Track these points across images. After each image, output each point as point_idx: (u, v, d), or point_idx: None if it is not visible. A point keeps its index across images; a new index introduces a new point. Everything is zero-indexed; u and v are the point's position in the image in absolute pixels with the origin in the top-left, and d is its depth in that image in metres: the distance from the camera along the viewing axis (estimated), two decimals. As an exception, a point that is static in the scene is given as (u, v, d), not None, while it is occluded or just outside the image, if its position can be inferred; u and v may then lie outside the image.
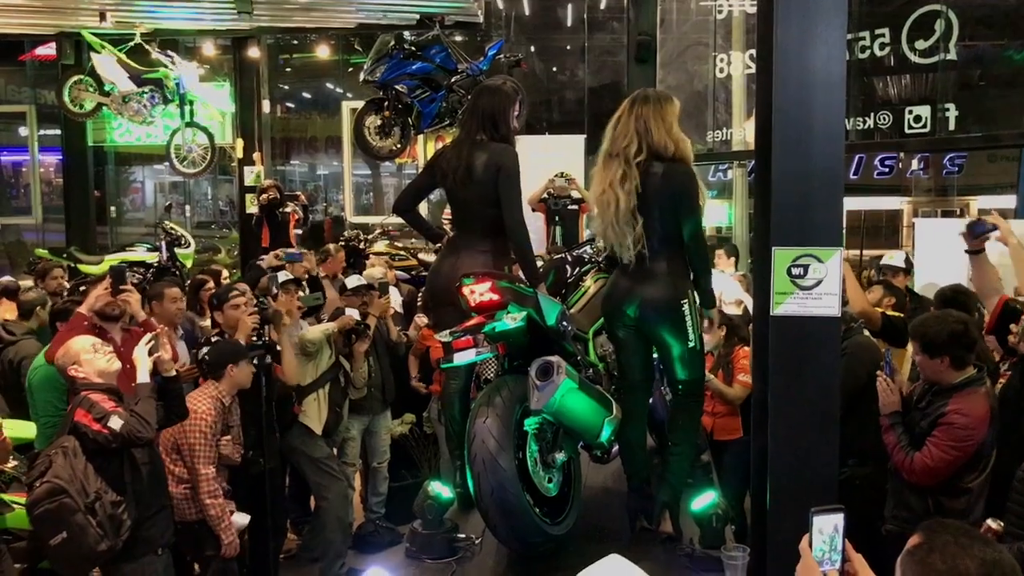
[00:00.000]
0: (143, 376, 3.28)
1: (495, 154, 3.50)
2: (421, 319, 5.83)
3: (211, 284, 5.72)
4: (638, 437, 3.50)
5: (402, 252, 8.22)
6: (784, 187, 2.59)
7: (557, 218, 8.02)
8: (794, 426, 2.63)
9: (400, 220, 4.15)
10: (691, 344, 3.34)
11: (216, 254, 12.38)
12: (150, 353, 3.32)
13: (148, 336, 3.37)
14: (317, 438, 4.81)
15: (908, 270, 5.86)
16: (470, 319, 3.15)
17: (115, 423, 3.13)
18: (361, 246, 7.92)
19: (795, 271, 2.60)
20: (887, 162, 14.43)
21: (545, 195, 8.07)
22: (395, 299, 6.39)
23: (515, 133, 3.66)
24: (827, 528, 1.67)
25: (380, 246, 8.27)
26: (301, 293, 5.07)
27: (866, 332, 4.01)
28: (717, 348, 4.76)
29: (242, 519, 3.95)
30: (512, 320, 3.05)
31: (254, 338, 4.45)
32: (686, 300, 3.28)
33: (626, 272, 3.28)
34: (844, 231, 2.70)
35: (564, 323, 3.28)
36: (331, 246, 6.90)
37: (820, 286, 2.60)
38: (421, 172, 3.79)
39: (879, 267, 6.00)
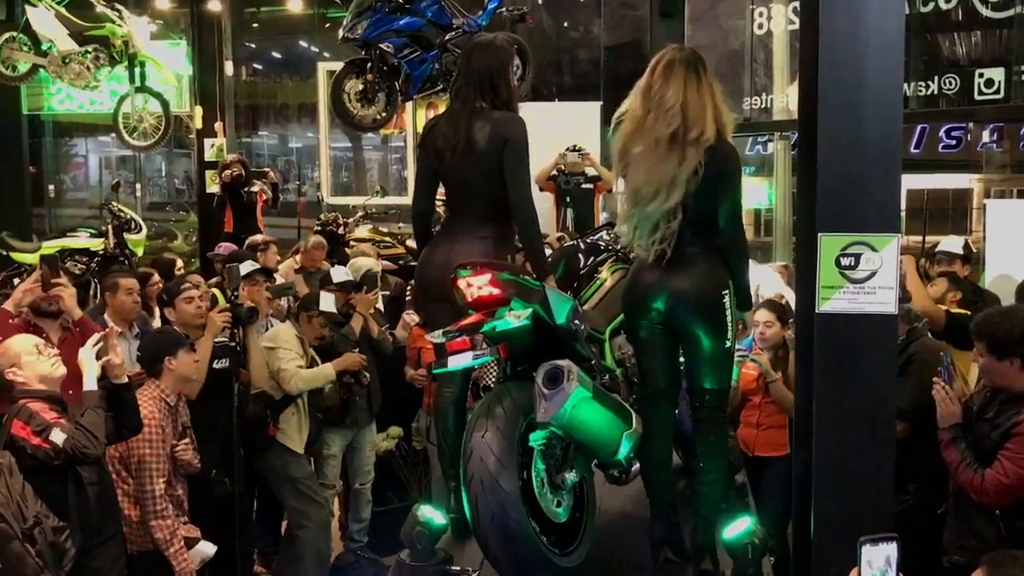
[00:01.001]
0: (90, 383, 3.30)
1: (500, 124, 3.50)
2: (411, 317, 5.85)
3: (157, 278, 5.71)
4: (662, 455, 3.50)
5: (388, 239, 8.23)
6: (832, 163, 2.61)
7: (569, 199, 8.06)
8: (843, 442, 2.65)
9: (383, 201, 4.13)
10: (727, 344, 3.33)
11: (171, 241, 12.44)
12: (98, 356, 3.33)
13: (96, 336, 3.39)
14: (297, 456, 4.86)
15: (967, 258, 5.77)
16: (466, 317, 3.15)
17: (57, 437, 3.15)
18: (340, 231, 7.95)
19: (844, 261, 2.62)
20: (954, 133, 14.41)
21: (555, 172, 8.09)
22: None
23: (517, 97, 3.66)
24: (878, 560, 1.68)
25: (362, 231, 8.29)
26: (269, 284, 5.11)
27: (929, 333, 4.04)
28: (776, 348, 4.76)
29: (207, 549, 3.97)
30: (515, 318, 3.06)
31: (223, 340, 4.48)
32: (727, 292, 3.27)
33: (652, 261, 3.27)
34: (903, 214, 2.71)
35: (576, 322, 3.28)
36: (312, 238, 6.93)
37: (874, 279, 2.62)
38: (419, 156, 3.77)
39: (932, 254, 5.96)
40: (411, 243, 8.04)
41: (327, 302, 5.04)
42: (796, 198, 2.99)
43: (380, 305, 6.43)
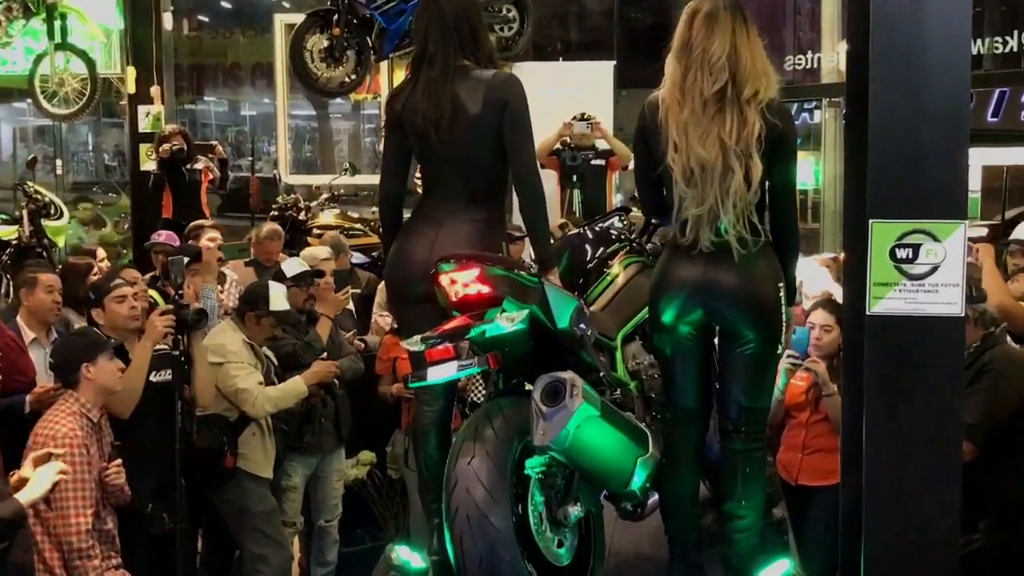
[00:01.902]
0: (29, 495, 3.23)
1: (496, 85, 3.50)
2: (384, 319, 5.86)
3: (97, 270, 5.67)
4: (687, 488, 3.52)
5: (357, 226, 8.25)
6: (885, 135, 2.62)
7: (575, 178, 8.07)
8: (898, 470, 2.67)
9: (354, 181, 4.15)
10: (779, 350, 3.37)
11: (100, 228, 12.43)
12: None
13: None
14: (263, 484, 4.87)
15: None
16: (449, 320, 3.16)
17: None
18: (301, 217, 7.96)
19: (901, 253, 2.63)
20: (1039, 98, 14.42)
21: (559, 146, 8.11)
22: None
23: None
24: None
25: (327, 217, 8.31)
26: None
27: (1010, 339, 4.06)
28: (831, 356, 4.77)
29: None
30: (508, 321, 3.07)
31: (166, 347, 4.49)
32: (781, 284, 3.30)
33: (690, 252, 3.29)
34: (976, 196, 2.73)
35: (581, 325, 3.29)
36: (266, 226, 6.93)
37: (936, 274, 2.63)
38: (386, 134, 3.78)
39: (1006, 243, 5.97)
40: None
41: (278, 298, 5.03)
42: (844, 178, 3.00)
43: (351, 306, 6.46)
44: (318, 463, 5.36)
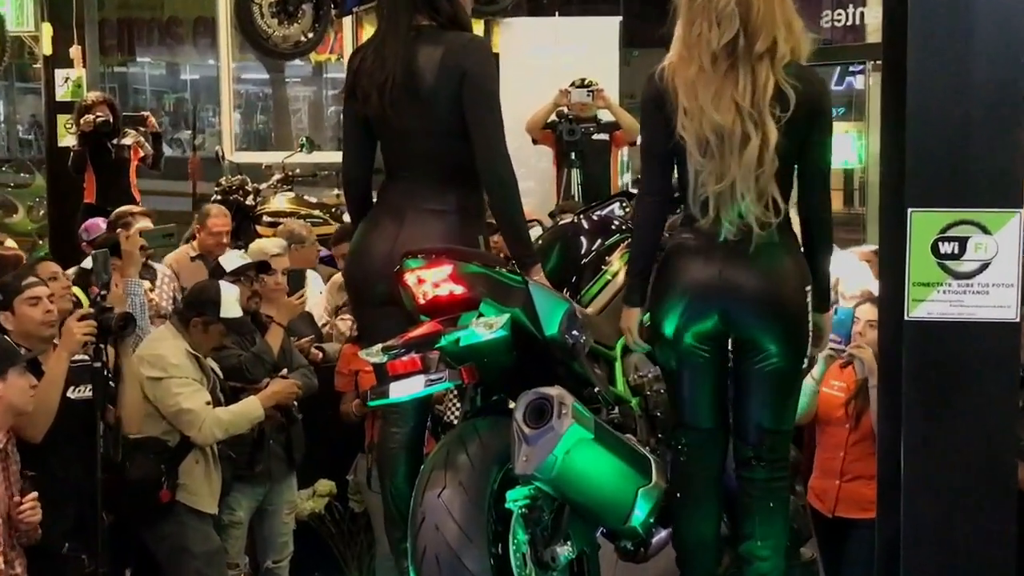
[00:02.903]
0: None
1: (453, 50, 3.54)
2: (345, 322, 5.87)
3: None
4: (709, 529, 3.53)
5: (316, 213, 8.26)
6: (925, 108, 2.66)
7: (574, 155, 8.09)
8: (942, 501, 2.70)
9: (311, 159, 4.17)
10: (804, 364, 3.43)
11: (11, 215, 12.41)
12: None
13: None
14: (206, 520, 4.88)
15: None
16: (417, 326, 3.19)
17: None
18: (248, 202, 7.97)
19: (945, 248, 2.66)
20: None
21: (554, 117, 8.13)
22: (314, 289, 6.45)
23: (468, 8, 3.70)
24: None
25: (280, 202, 8.31)
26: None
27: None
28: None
29: None
30: (487, 328, 3.10)
31: (86, 358, 4.49)
32: (809, 287, 3.36)
33: (705, 244, 3.33)
34: None
35: (574, 332, 3.33)
36: (213, 211, 6.93)
37: (986, 272, 2.66)
38: (344, 102, 3.80)
39: None
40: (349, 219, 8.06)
41: (230, 302, 5.04)
42: (880, 159, 3.03)
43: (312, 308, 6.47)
44: (266, 494, 5.37)
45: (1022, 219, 2.67)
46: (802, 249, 3.40)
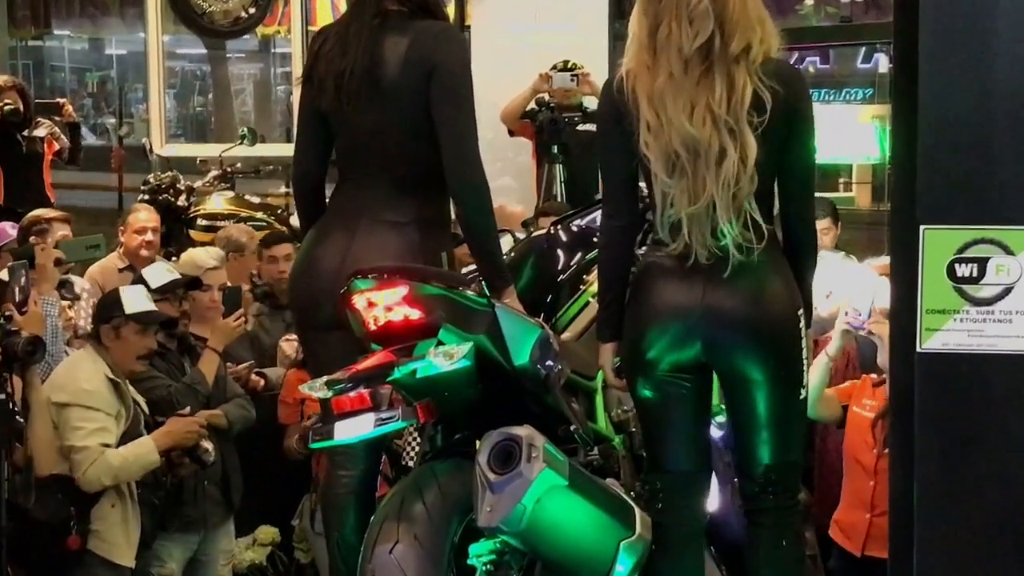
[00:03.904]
0: None
1: (422, 40, 3.59)
2: (290, 344, 5.87)
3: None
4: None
5: (260, 215, 8.26)
6: (940, 112, 2.68)
7: (556, 148, 8.09)
8: (959, 553, 2.73)
9: (254, 152, 4.19)
10: (802, 394, 3.48)
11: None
12: None
13: None
14: (121, 571, 4.88)
15: None
16: (367, 356, 3.23)
17: None
18: (180, 202, 7.98)
19: (962, 270, 2.68)
20: None
21: (534, 105, 8.14)
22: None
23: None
24: None
25: (217, 202, 8.32)
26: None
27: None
28: None
29: None
30: (447, 358, 3.12)
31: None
32: (801, 311, 3.42)
33: (682, 266, 3.37)
34: None
35: (547, 361, 3.36)
36: (141, 213, 6.94)
37: (1009, 298, 2.69)
38: (301, 89, 3.84)
39: None
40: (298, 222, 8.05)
41: (134, 297, 5.00)
42: (890, 170, 3.07)
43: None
44: (200, 543, 5.38)
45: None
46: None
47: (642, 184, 3.52)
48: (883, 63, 11.75)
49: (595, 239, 4.26)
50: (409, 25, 3.61)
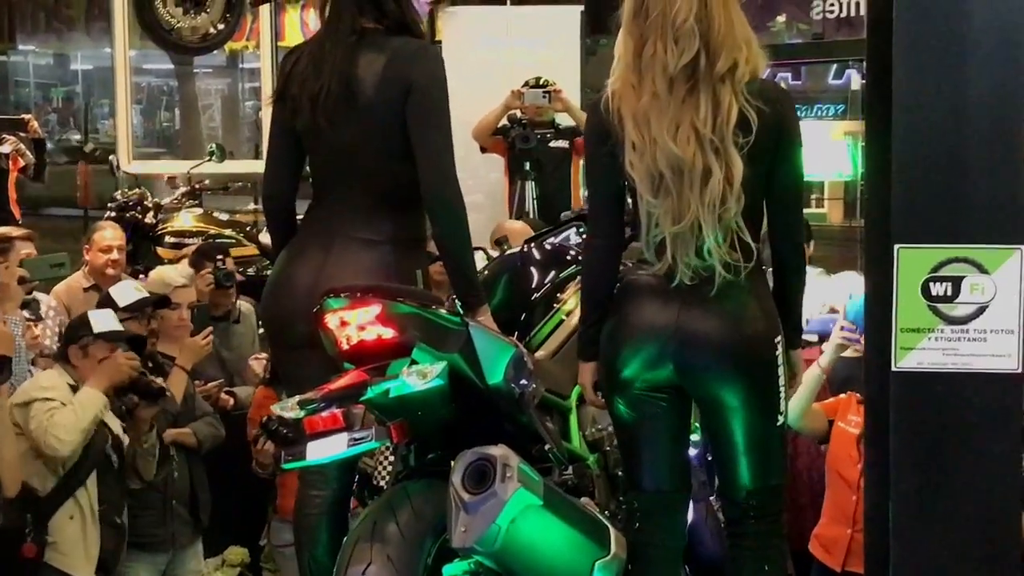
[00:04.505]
0: None
1: (400, 57, 3.60)
2: (259, 362, 5.87)
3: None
4: None
5: (228, 232, 8.25)
6: (914, 130, 2.70)
7: (529, 165, 8.11)
8: (935, 569, 2.76)
9: (223, 169, 4.18)
10: (780, 420, 3.49)
11: None
12: None
13: None
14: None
15: None
16: (339, 375, 3.22)
17: None
18: (148, 219, 7.96)
19: (937, 289, 2.71)
20: None
21: (506, 121, 8.16)
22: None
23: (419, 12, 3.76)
24: None
25: (185, 219, 8.30)
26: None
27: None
28: None
29: None
30: (420, 377, 3.12)
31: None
32: (779, 338, 3.43)
33: (661, 286, 3.38)
34: None
35: (521, 380, 3.37)
36: (101, 232, 6.91)
37: (984, 317, 2.71)
38: (273, 108, 3.84)
39: None
40: (268, 239, 8.04)
41: (102, 318, 5.00)
42: (864, 188, 3.10)
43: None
44: (168, 563, 5.36)
45: (1023, 256, 2.72)
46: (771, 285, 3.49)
47: (630, 202, 3.52)
48: (855, 80, 11.82)
49: (568, 257, 4.30)
50: (385, 43, 3.62)
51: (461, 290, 3.61)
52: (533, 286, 4.18)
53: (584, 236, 4.29)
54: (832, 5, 10.38)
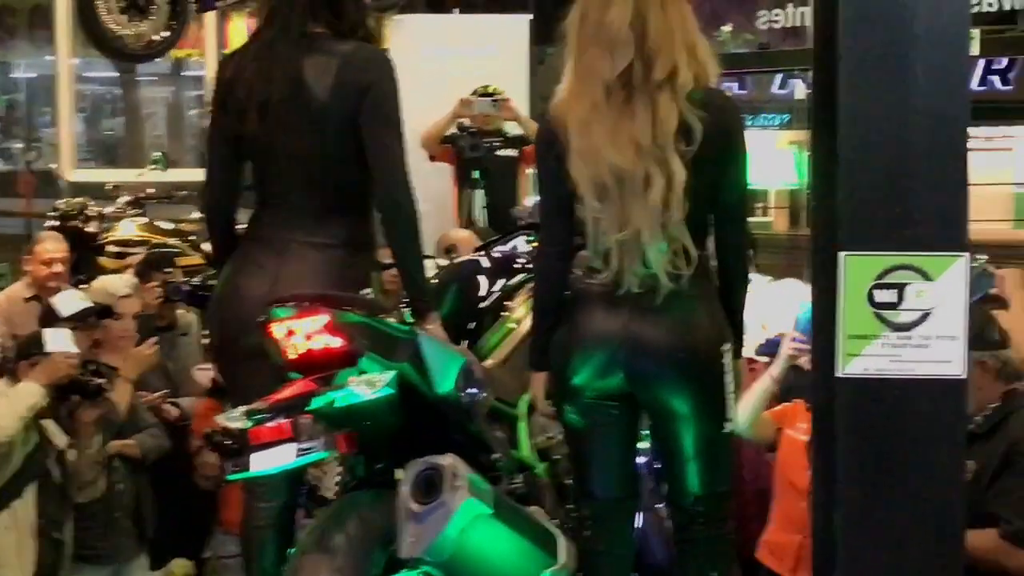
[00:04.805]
0: None
1: (354, 63, 3.60)
2: (204, 373, 5.84)
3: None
4: None
5: (172, 241, 8.18)
6: (858, 138, 2.72)
7: (477, 173, 8.13)
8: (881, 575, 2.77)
9: (166, 177, 4.17)
10: (728, 427, 3.52)
11: None
12: None
13: None
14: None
15: None
16: (286, 385, 3.21)
17: None
18: (90, 228, 7.89)
19: (881, 296, 2.73)
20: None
21: (455, 130, 8.17)
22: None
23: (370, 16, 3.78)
24: None
25: (129, 229, 8.23)
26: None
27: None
28: None
29: None
30: (368, 386, 3.11)
31: None
32: (728, 345, 3.45)
33: (609, 295, 3.40)
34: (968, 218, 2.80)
35: (471, 389, 3.38)
36: (43, 233, 6.86)
37: (928, 323, 2.74)
38: (212, 115, 3.82)
39: None
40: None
41: (55, 337, 4.99)
42: (809, 195, 3.13)
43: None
44: (112, 575, 5.33)
45: (967, 263, 2.75)
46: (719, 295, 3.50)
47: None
48: (800, 90, 11.92)
49: (517, 265, 4.31)
50: (335, 47, 3.62)
51: (412, 294, 3.62)
52: (482, 295, 4.19)
53: (533, 244, 4.31)
54: (778, 15, 10.46)
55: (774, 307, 5.34)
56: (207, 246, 7.75)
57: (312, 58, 3.60)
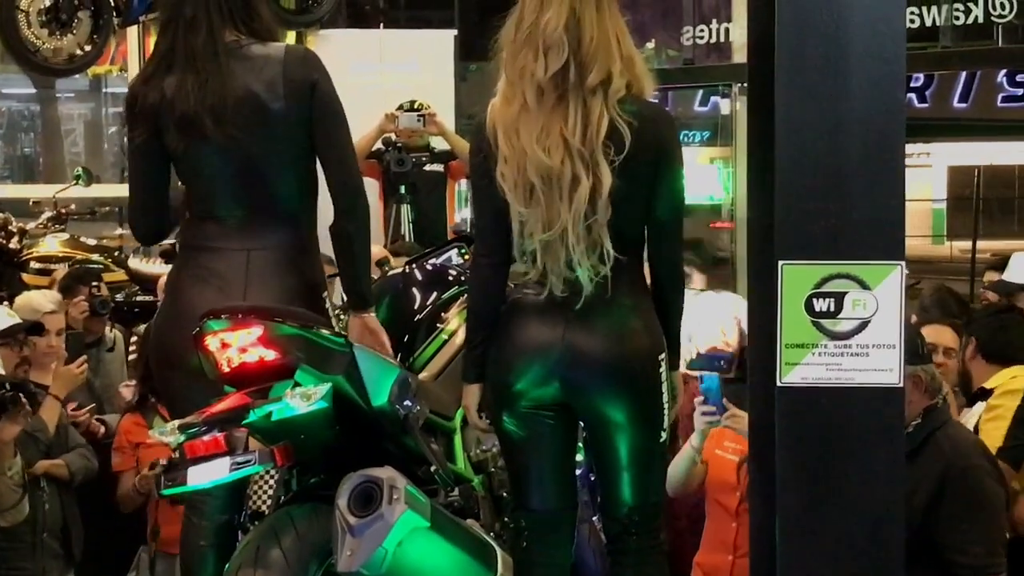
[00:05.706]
0: None
1: (293, 64, 3.62)
2: (128, 389, 5.78)
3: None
4: None
5: (96, 257, 8.10)
6: (795, 143, 2.73)
7: (404, 188, 8.13)
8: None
9: (89, 192, 4.13)
10: (662, 437, 3.52)
11: None
12: None
13: None
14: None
15: None
16: (221, 398, 3.19)
17: None
18: (12, 245, 7.78)
19: (820, 304, 2.73)
20: (1021, 80, 15.15)
21: (381, 145, 8.16)
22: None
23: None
24: None
25: (51, 244, 8.13)
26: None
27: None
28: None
29: None
30: (304, 399, 3.11)
31: None
32: (663, 355, 3.47)
33: (544, 302, 3.40)
34: (942, 206, 2.83)
35: (406, 402, 3.37)
36: None
37: (866, 332, 2.75)
38: (134, 137, 3.74)
39: (984, 286, 6.28)
40: (139, 264, 7.92)
41: None
42: (748, 205, 3.14)
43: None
44: (37, 596, 5.25)
45: (903, 272, 2.76)
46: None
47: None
48: (724, 106, 12.02)
49: (450, 278, 4.30)
50: (262, 51, 3.64)
51: (358, 289, 3.66)
52: (415, 307, 4.20)
53: (466, 256, 4.31)
54: (702, 31, 10.52)
55: (700, 320, 5.37)
56: (132, 262, 7.73)
57: (247, 63, 3.60)
